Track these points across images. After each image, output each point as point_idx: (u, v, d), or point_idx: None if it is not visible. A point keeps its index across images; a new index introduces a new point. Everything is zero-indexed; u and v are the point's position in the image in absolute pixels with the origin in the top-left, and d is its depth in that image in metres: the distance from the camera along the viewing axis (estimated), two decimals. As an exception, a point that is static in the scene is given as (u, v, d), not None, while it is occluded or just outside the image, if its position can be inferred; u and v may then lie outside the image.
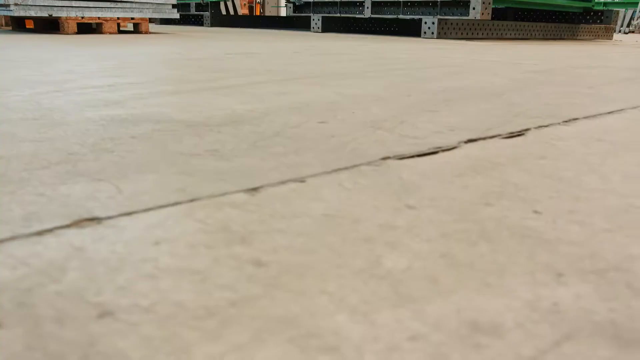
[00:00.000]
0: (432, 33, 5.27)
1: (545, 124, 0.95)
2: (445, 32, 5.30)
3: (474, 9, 4.98)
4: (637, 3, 15.21)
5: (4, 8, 4.27)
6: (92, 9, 4.55)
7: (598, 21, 6.87)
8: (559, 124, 0.97)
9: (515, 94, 1.36)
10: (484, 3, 4.94)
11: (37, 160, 0.64)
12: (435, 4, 5.31)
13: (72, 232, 0.43)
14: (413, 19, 5.96)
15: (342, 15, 6.18)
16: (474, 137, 0.83)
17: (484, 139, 0.83)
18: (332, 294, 0.35)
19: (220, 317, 0.32)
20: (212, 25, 8.09)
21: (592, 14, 6.89)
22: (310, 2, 6.54)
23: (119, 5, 4.71)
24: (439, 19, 5.22)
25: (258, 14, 13.46)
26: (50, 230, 0.43)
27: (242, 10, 12.58)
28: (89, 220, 0.45)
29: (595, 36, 7.24)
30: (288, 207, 0.50)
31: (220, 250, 0.40)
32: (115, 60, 2.05)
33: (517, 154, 0.74)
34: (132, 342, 0.29)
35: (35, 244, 0.41)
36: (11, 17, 5.06)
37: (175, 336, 0.29)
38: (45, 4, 4.34)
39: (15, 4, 4.21)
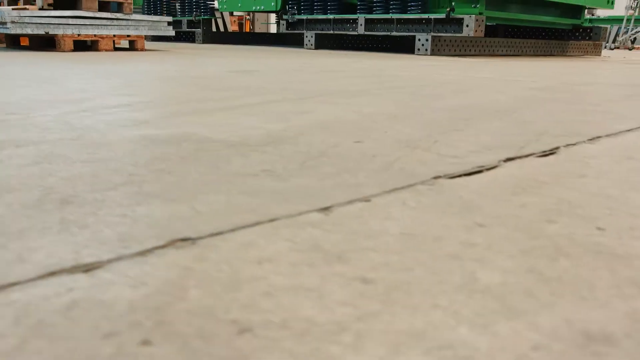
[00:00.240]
0: (426, 50, 5.35)
1: (572, 143, 0.98)
2: (438, 48, 5.38)
3: (467, 26, 5.06)
4: (622, 19, 15.50)
5: (1, 26, 4.27)
6: (89, 27, 4.57)
7: (587, 38, 7.00)
8: (584, 142, 1.00)
9: (527, 111, 1.39)
10: (477, 21, 5.02)
11: (101, 182, 0.65)
12: (428, 21, 5.39)
13: (172, 252, 0.45)
14: (406, 36, 6.03)
15: (335, 32, 6.25)
16: (510, 155, 0.86)
17: (520, 157, 0.85)
18: (445, 308, 0.37)
19: (353, 331, 0.33)
20: (204, 41, 8.13)
21: (581, 30, 7.03)
22: (303, 20, 6.60)
23: (115, 23, 4.73)
24: (432, 36, 5.30)
25: (248, 30, 13.55)
26: (150, 251, 0.45)
27: (232, 27, 12.65)
28: (183, 240, 0.47)
29: (584, 52, 7.37)
30: (365, 226, 0.52)
31: (323, 269, 0.42)
32: (120, 78, 2.06)
33: (558, 173, 0.76)
34: (280, 357, 0.31)
35: (143, 263, 0.42)
36: (6, 34, 5.05)
37: (319, 351, 0.31)
38: (42, 22, 4.35)
39: (13, 22, 4.21)
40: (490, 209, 0.59)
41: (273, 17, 14.48)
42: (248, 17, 13.54)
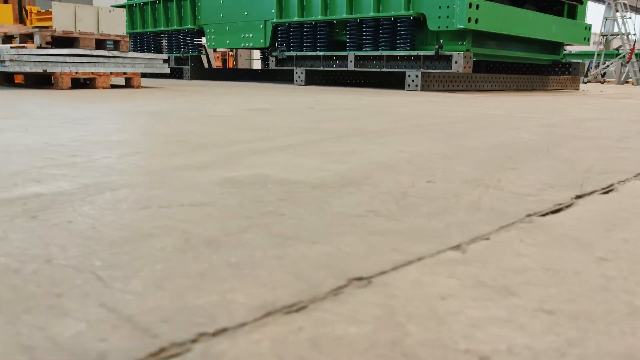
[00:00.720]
0: (416, 85, 5.49)
1: (622, 180, 1.05)
2: (428, 84, 5.53)
3: (456, 62, 5.22)
4: (592, 54, 16.06)
5: (0, 64, 4.29)
6: (86, 65, 4.60)
7: (567, 72, 7.25)
8: (632, 178, 1.07)
9: (559, 149, 1.47)
10: (465, 57, 5.19)
11: (226, 224, 0.69)
12: (417, 58, 5.55)
13: (359, 291, 0.49)
14: (395, 72, 6.17)
15: (326, 68, 6.38)
16: (577, 193, 0.92)
17: (586, 195, 0.91)
18: (634, 333, 0.41)
19: (574, 356, 0.38)
20: (192, 78, 8.20)
21: (560, 65, 7.28)
22: (293, 56, 6.73)
23: (112, 60, 4.77)
24: (422, 72, 5.45)
25: (231, 66, 13.68)
26: (339, 290, 0.49)
27: (216, 63, 12.77)
28: (358, 279, 0.51)
29: (563, 86, 7.62)
30: (505, 262, 0.57)
31: (503, 301, 0.47)
32: (145, 117, 2.10)
33: (630, 208, 0.82)
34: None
35: (343, 302, 0.46)
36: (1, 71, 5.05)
37: None
38: (40, 60, 4.37)
39: (11, 60, 4.23)
40: (602, 245, 0.64)
41: (256, 53, 14.66)
42: (231, 53, 13.69)
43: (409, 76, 5.56)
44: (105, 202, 0.80)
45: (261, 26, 7.14)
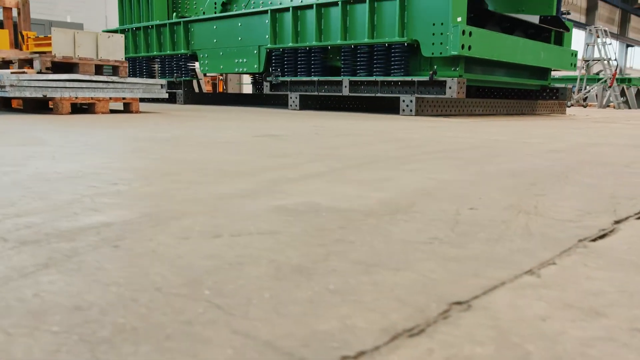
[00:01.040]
0: (411, 110, 5.58)
1: (651, 205, 1.10)
2: (422, 109, 5.63)
3: (450, 88, 5.33)
4: (575, 79, 16.37)
5: (0, 89, 4.30)
6: (85, 90, 4.63)
7: (554, 97, 7.42)
8: (659, 204, 1.12)
9: (575, 175, 1.52)
10: (459, 83, 5.30)
11: (306, 252, 0.73)
12: (411, 83, 5.65)
13: (465, 314, 0.53)
14: (389, 97, 6.26)
15: (320, 93, 6.46)
16: (615, 219, 0.97)
17: (623, 220, 0.96)
18: None
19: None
20: (185, 102, 8.25)
21: (548, 90, 7.44)
22: (287, 81, 6.80)
23: (111, 85, 4.80)
24: (416, 97, 5.55)
25: (221, 90, 13.76)
26: (447, 313, 0.53)
27: (207, 87, 12.83)
28: (458, 304, 0.55)
29: (550, 111, 7.78)
30: (581, 285, 0.61)
31: (595, 322, 0.51)
32: (158, 143, 2.13)
33: (672, 234, 0.87)
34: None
35: (458, 325, 0.50)
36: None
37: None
38: (40, 86, 4.39)
39: (11, 85, 4.24)
40: (661, 270, 0.69)
41: (246, 78, 14.77)
42: (221, 77, 13.78)
43: (404, 101, 5.66)
44: (176, 230, 0.83)
45: (255, 51, 7.23)
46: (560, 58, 7.04)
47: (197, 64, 8.55)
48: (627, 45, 34.08)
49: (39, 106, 4.98)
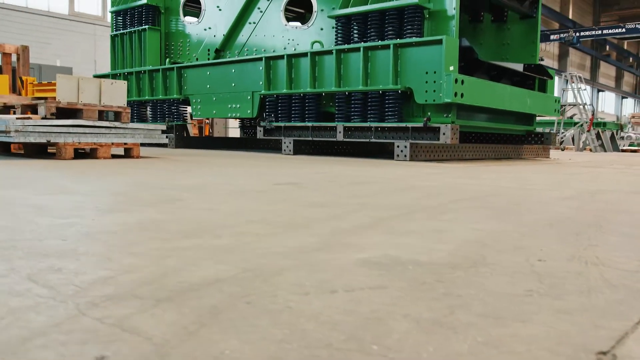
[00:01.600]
0: (405, 156, 5.71)
1: (698, 255, 1.19)
2: (416, 154, 5.76)
3: (444, 134, 5.48)
4: (552, 123, 16.82)
5: (4, 134, 4.31)
6: (88, 135, 4.67)
7: (539, 142, 7.65)
8: None
9: (608, 224, 1.62)
10: (452, 129, 5.46)
11: (434, 306, 0.79)
12: (406, 129, 5.80)
13: (611, 364, 0.59)
14: (384, 142, 6.39)
15: (314, 138, 6.57)
16: (677, 270, 1.05)
17: (685, 271, 1.05)
18: None
19: None
20: (177, 146, 8.30)
21: (533, 135, 7.68)
22: (281, 127, 6.91)
23: (113, 131, 4.85)
24: (410, 143, 5.69)
25: (207, 133, 13.84)
26: (594, 364, 0.59)
27: (193, 130, 12.91)
28: (602, 353, 0.62)
29: (535, 155, 8.00)
30: (696, 337, 0.69)
31: None
32: (186, 192, 2.18)
33: None
34: None
35: (610, 374, 0.57)
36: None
37: None
38: (45, 131, 4.42)
39: (16, 131, 4.27)
40: None
41: (232, 121, 14.89)
42: (207, 120, 13.88)
43: (398, 146, 5.79)
44: (288, 286, 0.89)
45: (249, 97, 7.36)
46: (545, 104, 7.30)
47: (188, 108, 8.66)
48: (598, 90, 35.33)
49: (39, 150, 4.99)
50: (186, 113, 8.70)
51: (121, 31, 9.33)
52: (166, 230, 1.36)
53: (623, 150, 17.84)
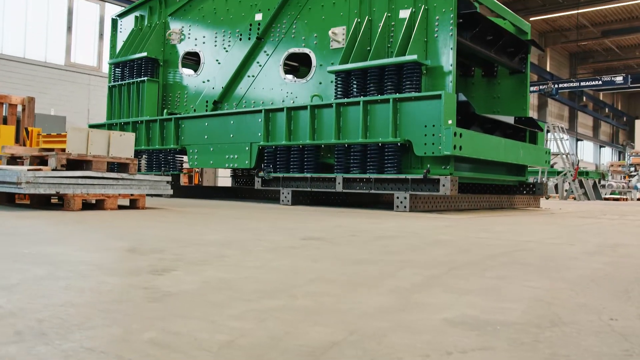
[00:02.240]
0: (405, 207, 5.81)
1: None
2: (415, 205, 5.87)
3: (444, 185, 5.61)
4: (537, 172, 17.13)
5: (15, 186, 4.33)
6: (97, 186, 4.70)
7: (531, 192, 7.83)
8: None
9: (648, 281, 1.71)
10: (452, 181, 5.59)
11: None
12: (405, 181, 5.92)
13: None
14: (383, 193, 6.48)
15: (313, 189, 6.65)
16: None
17: None
18: None
19: None
20: (173, 195, 8.31)
21: (525, 185, 7.86)
22: (279, 177, 7.00)
23: (120, 182, 4.89)
24: (410, 194, 5.80)
25: (196, 182, 13.87)
26: None
27: (183, 179, 12.93)
28: None
29: (527, 204, 8.16)
30: None
31: None
32: (220, 247, 2.23)
33: None
34: None
35: None
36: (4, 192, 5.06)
37: None
38: (54, 182, 4.45)
39: (27, 182, 4.29)
40: None
41: (221, 170, 14.97)
42: (197, 170, 13.94)
43: (398, 198, 5.90)
44: (403, 348, 0.95)
45: (247, 148, 7.46)
46: (536, 156, 7.52)
47: (184, 158, 8.72)
48: (577, 140, 36.27)
49: (44, 201, 5.00)
50: (182, 163, 8.77)
51: (119, 82, 9.46)
52: (241, 291, 1.41)
53: (606, 199, 18.21)
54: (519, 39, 7.30)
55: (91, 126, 9.89)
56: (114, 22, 10.24)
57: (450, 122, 5.64)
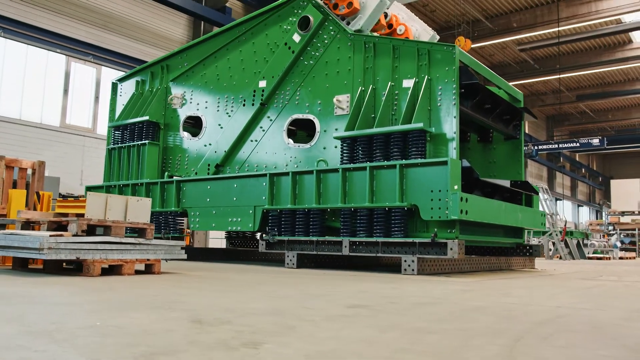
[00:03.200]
0: (413, 270, 5.91)
1: None
2: (423, 268, 5.97)
3: (451, 249, 5.74)
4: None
5: (36, 251, 4.35)
6: (115, 252, 4.74)
7: (528, 254, 8.00)
8: None
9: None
10: (459, 245, 5.73)
11: None
12: (413, 244, 6.04)
13: None
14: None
15: (319, 252, 6.73)
16: None
17: None
18: None
19: None
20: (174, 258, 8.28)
21: (521, 247, 8.04)
22: (284, 240, 7.06)
23: (137, 247, 4.93)
24: (418, 258, 5.91)
25: (187, 243, 13.81)
26: None
27: (186, 242, 12.86)
28: None
29: (523, 266, 8.32)
30: None
31: None
32: (289, 318, 2.30)
33: None
34: None
35: None
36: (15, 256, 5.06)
37: None
38: (75, 248, 4.48)
39: (49, 248, 4.32)
40: None
41: (212, 232, 14.94)
42: (188, 230, 13.90)
43: (405, 261, 6.00)
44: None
45: (250, 211, 7.55)
46: (533, 218, 7.73)
47: (185, 221, 8.76)
48: (556, 199, 37.05)
49: (59, 266, 5.00)
50: (182, 225, 8.80)
51: (119, 145, 9.57)
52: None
53: (589, 258, 18.49)
54: (514, 107, 7.65)
55: (88, 188, 9.90)
56: (114, 86, 10.45)
57: (456, 187, 5.83)
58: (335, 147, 7.06)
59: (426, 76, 6.45)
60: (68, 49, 13.05)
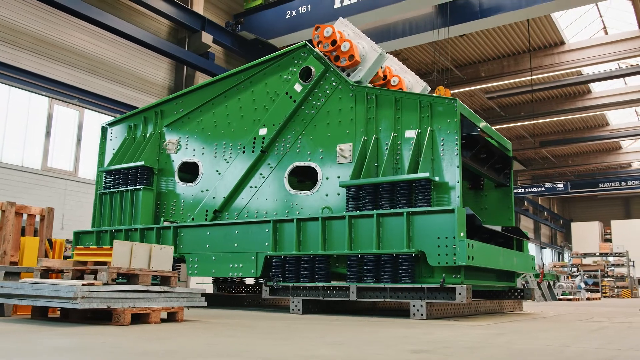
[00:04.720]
0: (421, 314, 6.08)
1: None
2: (431, 312, 6.16)
3: (460, 294, 5.95)
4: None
5: (69, 301, 4.36)
6: (142, 300, 4.78)
7: (520, 297, 8.28)
8: None
9: None
10: (467, 289, 5.96)
11: None
12: (421, 289, 6.23)
13: None
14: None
15: (325, 298, 6.83)
16: None
17: None
18: None
19: None
20: (170, 304, 8.24)
21: (513, 290, 8.32)
22: (289, 286, 7.15)
23: (162, 295, 4.98)
24: (426, 302, 6.10)
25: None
26: None
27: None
28: None
29: (513, 308, 8.59)
30: None
31: None
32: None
33: None
34: None
35: None
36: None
37: None
38: (105, 297, 4.51)
39: (82, 297, 4.34)
40: None
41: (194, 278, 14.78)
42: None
43: (414, 306, 6.17)
44: None
45: (252, 257, 7.61)
46: (525, 262, 8.06)
47: (182, 266, 8.74)
48: (541, 248, 39.19)
49: (84, 316, 4.98)
50: (180, 271, 8.77)
51: (111, 189, 9.54)
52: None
53: (560, 299, 18.97)
54: (506, 156, 8.05)
55: (77, 233, 9.78)
56: (104, 130, 10.45)
57: (462, 234, 6.09)
58: (338, 194, 7.25)
59: (429, 127, 6.77)
60: (51, 91, 13.03)
